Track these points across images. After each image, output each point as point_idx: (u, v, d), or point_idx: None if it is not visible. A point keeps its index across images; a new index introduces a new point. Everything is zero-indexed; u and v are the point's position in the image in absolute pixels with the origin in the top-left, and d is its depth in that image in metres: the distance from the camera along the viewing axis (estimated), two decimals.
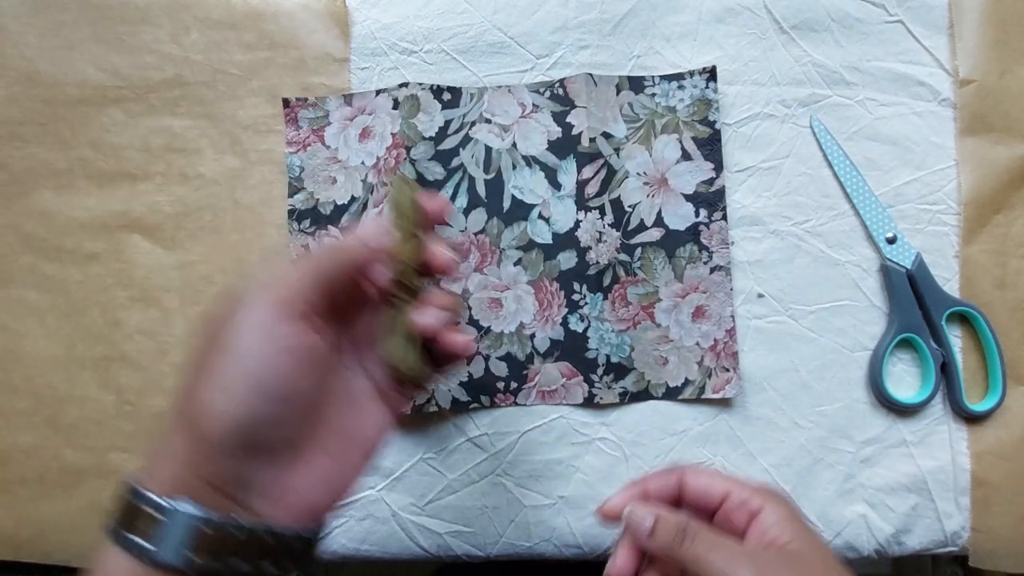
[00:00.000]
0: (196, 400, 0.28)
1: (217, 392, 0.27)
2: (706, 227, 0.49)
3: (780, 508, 0.33)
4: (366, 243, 0.32)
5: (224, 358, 0.28)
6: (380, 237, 0.32)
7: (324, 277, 0.30)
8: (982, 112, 0.48)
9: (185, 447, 0.28)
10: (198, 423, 0.27)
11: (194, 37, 0.51)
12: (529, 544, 0.48)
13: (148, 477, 0.28)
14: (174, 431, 0.28)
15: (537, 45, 0.50)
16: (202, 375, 0.28)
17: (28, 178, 0.51)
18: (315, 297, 0.29)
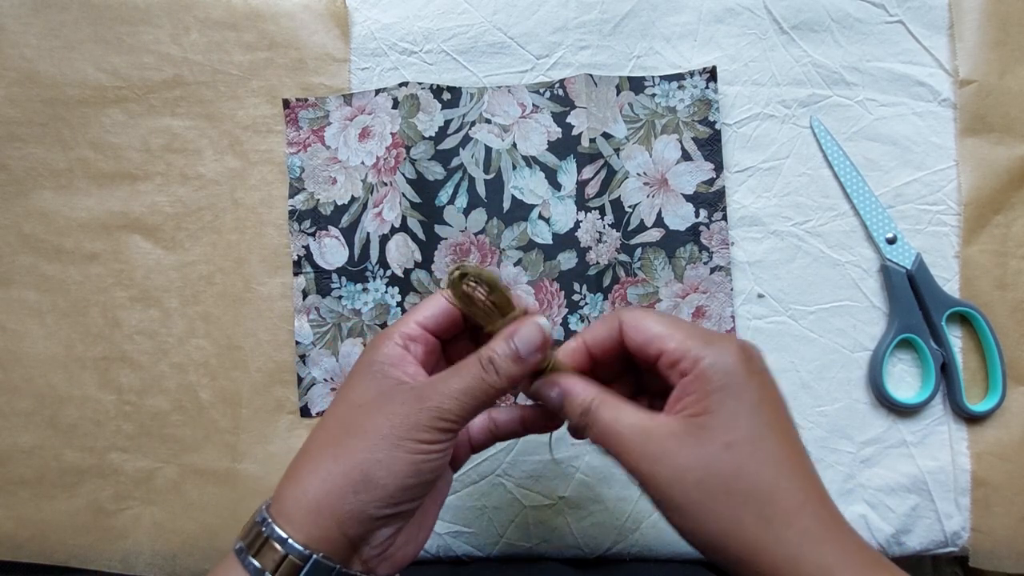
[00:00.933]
0: (360, 471, 0.30)
1: (386, 472, 0.31)
2: (706, 227, 0.49)
3: (711, 370, 0.29)
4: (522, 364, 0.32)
5: (391, 446, 0.31)
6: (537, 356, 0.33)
7: (482, 400, 0.32)
8: (982, 112, 0.48)
9: (336, 504, 0.30)
10: (359, 491, 0.30)
11: (194, 37, 0.51)
12: (529, 544, 0.48)
13: (287, 517, 0.30)
14: (321, 482, 0.31)
15: (537, 45, 0.50)
16: (366, 448, 0.31)
17: (28, 178, 0.51)
18: (471, 415, 0.33)
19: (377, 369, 0.33)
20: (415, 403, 0.31)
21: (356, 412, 0.32)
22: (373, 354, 0.34)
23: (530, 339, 0.32)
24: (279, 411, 0.49)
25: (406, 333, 0.34)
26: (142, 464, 0.49)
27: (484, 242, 0.49)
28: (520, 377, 0.32)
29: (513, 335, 0.32)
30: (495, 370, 0.32)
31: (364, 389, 0.33)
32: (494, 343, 0.32)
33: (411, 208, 0.48)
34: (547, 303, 0.49)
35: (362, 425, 0.32)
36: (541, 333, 0.32)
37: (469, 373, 0.32)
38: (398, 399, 0.32)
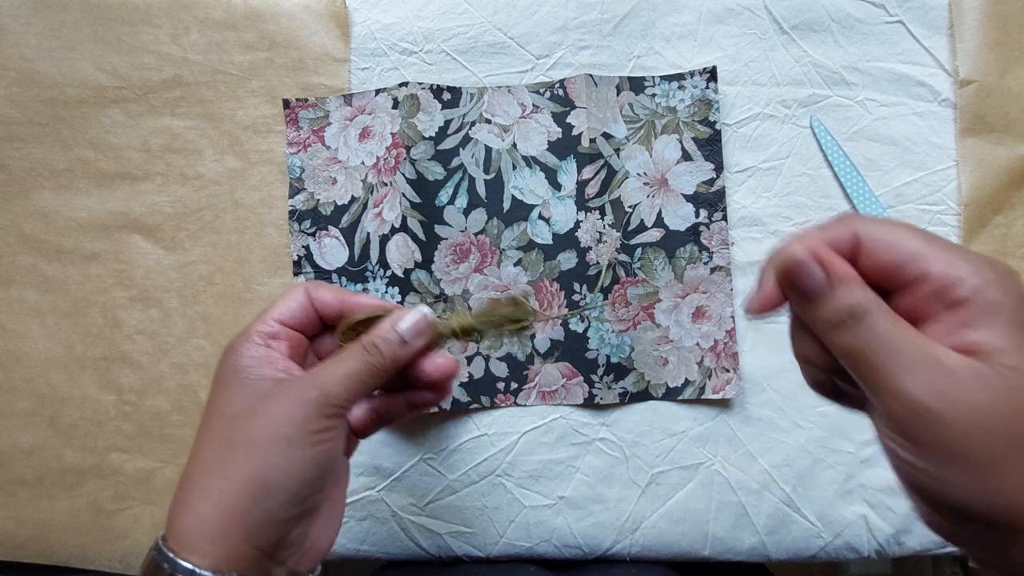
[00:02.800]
0: (256, 481, 0.30)
1: (284, 475, 0.30)
2: (706, 227, 0.49)
3: (1009, 300, 0.22)
4: (406, 347, 0.34)
5: (285, 447, 0.31)
6: (422, 336, 0.34)
7: (368, 382, 0.33)
8: (982, 112, 0.48)
9: (239, 520, 0.30)
10: (260, 501, 0.30)
11: (194, 37, 0.51)
12: (529, 544, 0.48)
13: (188, 547, 0.29)
14: (215, 505, 0.30)
15: (537, 45, 0.50)
16: (256, 456, 0.30)
17: (28, 178, 0.51)
18: (356, 398, 0.33)
19: (245, 375, 0.32)
20: (299, 396, 0.31)
21: (236, 423, 0.31)
22: (234, 360, 0.33)
23: (415, 323, 0.34)
24: None
25: (264, 331, 0.34)
26: (142, 464, 0.49)
27: (484, 242, 0.49)
28: (405, 360, 0.33)
29: (397, 320, 0.33)
30: (379, 352, 0.33)
31: (238, 398, 0.32)
32: (377, 329, 0.33)
33: (411, 208, 0.49)
34: (547, 303, 0.49)
35: (247, 434, 0.31)
36: (424, 319, 0.34)
37: (352, 357, 0.33)
38: (279, 397, 0.31)
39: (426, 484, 0.49)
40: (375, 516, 0.49)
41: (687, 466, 0.48)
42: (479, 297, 0.49)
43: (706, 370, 0.48)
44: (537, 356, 0.49)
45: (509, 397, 0.49)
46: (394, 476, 0.49)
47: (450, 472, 0.49)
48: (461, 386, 0.49)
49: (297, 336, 0.35)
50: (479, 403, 0.49)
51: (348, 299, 0.35)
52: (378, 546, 0.49)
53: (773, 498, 0.48)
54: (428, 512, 0.49)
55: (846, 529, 0.47)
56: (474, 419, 0.49)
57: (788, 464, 0.48)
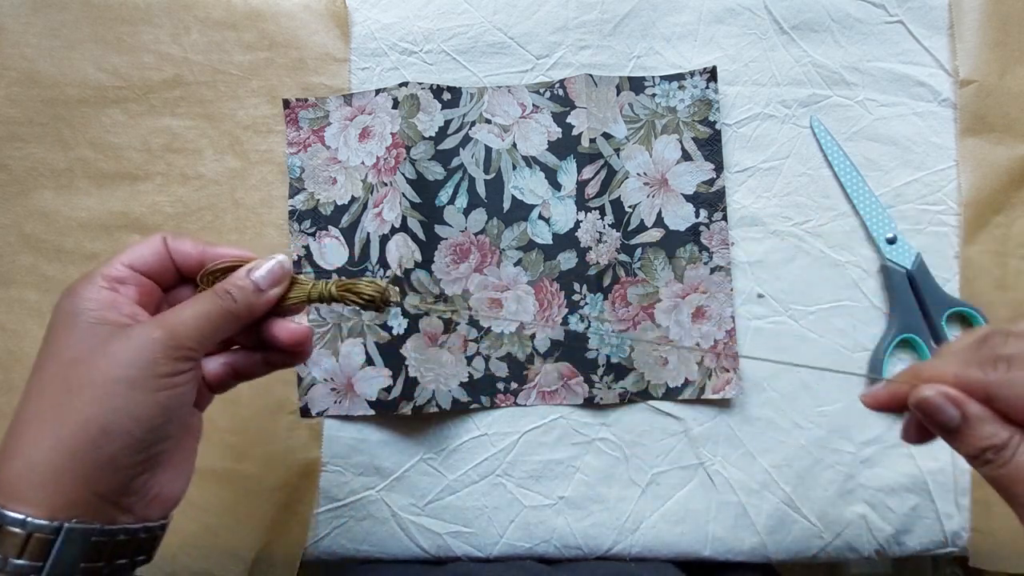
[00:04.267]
0: (95, 425, 0.28)
1: (128, 419, 0.29)
2: (706, 227, 0.49)
3: None
4: (261, 294, 0.33)
5: (131, 391, 0.29)
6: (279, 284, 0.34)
7: (220, 326, 0.32)
8: (982, 112, 0.48)
9: (76, 465, 0.28)
10: (100, 445, 0.28)
11: (194, 37, 0.51)
12: (529, 544, 0.48)
13: (16, 496, 0.28)
14: (49, 450, 0.28)
15: (537, 45, 0.50)
16: (96, 399, 0.29)
17: (28, 178, 0.51)
18: (208, 341, 0.32)
19: (84, 318, 0.30)
20: (144, 336, 0.30)
21: (72, 367, 0.30)
22: (73, 301, 0.31)
23: (271, 270, 0.33)
24: (279, 411, 0.49)
25: (110, 275, 0.32)
26: None
27: (484, 242, 0.49)
28: (260, 308, 0.33)
29: (253, 268, 0.33)
30: (232, 298, 0.32)
31: (75, 341, 0.30)
32: (232, 275, 0.33)
33: (411, 208, 0.48)
34: (547, 303, 0.49)
35: (86, 377, 0.29)
36: (280, 267, 0.33)
37: (204, 299, 0.32)
38: (123, 338, 0.30)
39: (426, 484, 0.49)
40: (375, 516, 0.49)
41: (687, 466, 0.48)
42: (479, 297, 0.49)
43: (706, 370, 0.48)
44: (537, 356, 0.49)
45: (509, 397, 0.49)
46: (394, 476, 0.49)
47: (450, 472, 0.49)
48: (461, 386, 0.49)
49: (149, 284, 0.33)
50: (479, 403, 0.49)
51: (209, 250, 0.34)
52: (378, 546, 0.49)
53: (773, 498, 0.48)
54: (428, 512, 0.49)
55: (846, 529, 0.47)
56: (474, 419, 0.49)
57: (788, 464, 0.48)
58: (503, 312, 0.49)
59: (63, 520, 0.28)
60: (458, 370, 0.49)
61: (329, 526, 0.48)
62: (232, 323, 0.32)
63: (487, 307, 0.49)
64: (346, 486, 0.49)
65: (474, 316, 0.48)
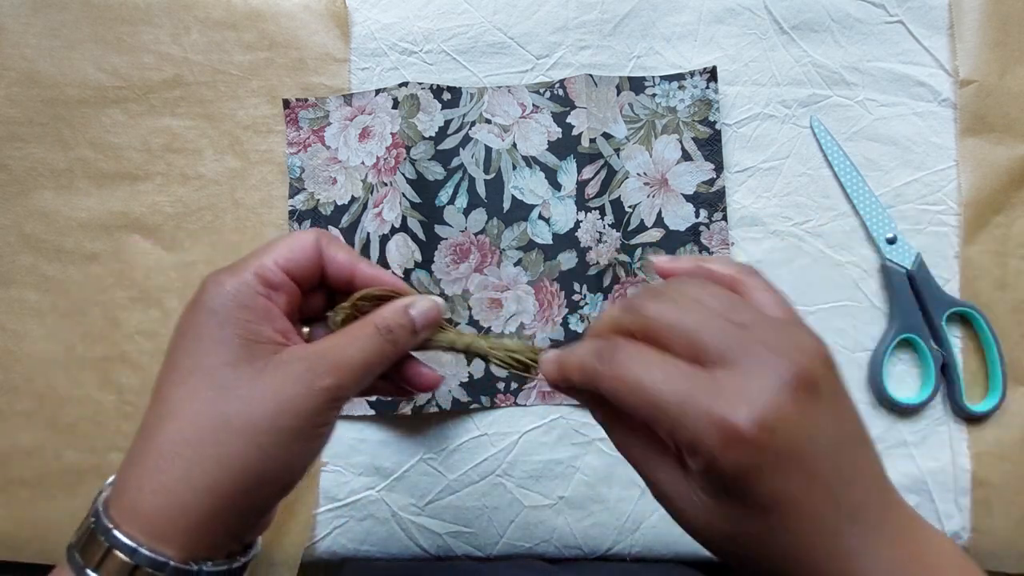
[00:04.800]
0: (249, 472, 0.26)
1: (276, 466, 0.27)
2: (706, 228, 0.49)
3: (703, 462, 0.24)
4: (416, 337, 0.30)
5: (283, 437, 0.27)
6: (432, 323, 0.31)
7: (377, 370, 0.29)
8: (982, 112, 0.48)
9: (226, 512, 0.26)
10: (249, 492, 0.26)
11: (194, 37, 0.51)
12: (529, 544, 0.48)
13: (160, 536, 0.25)
14: (209, 492, 0.26)
15: (537, 45, 0.50)
16: (252, 443, 0.26)
17: (28, 178, 0.51)
18: (365, 386, 0.29)
19: (237, 331, 0.27)
20: (311, 381, 0.27)
21: (230, 394, 0.26)
22: (223, 302, 0.27)
23: (428, 312, 0.30)
24: None
25: (266, 277, 0.28)
26: None
27: (484, 242, 0.49)
28: (409, 349, 0.30)
29: (411, 306, 0.29)
30: (394, 340, 0.28)
31: (229, 357, 0.27)
32: (390, 312, 0.29)
33: (411, 208, 0.48)
34: (547, 303, 0.49)
35: (246, 417, 0.26)
36: (438, 309, 0.30)
37: (367, 339, 0.28)
38: (288, 378, 0.27)
39: (426, 484, 0.49)
40: (375, 516, 0.49)
41: None
42: (479, 297, 0.49)
43: None
44: None
45: (509, 397, 0.49)
46: (394, 476, 0.49)
47: (450, 472, 0.49)
48: (461, 386, 0.49)
49: (296, 291, 0.30)
50: (479, 403, 0.49)
51: (360, 266, 0.30)
52: (378, 546, 0.49)
53: None
54: (428, 512, 0.49)
55: None
56: (474, 419, 0.49)
57: None
58: (503, 312, 0.49)
59: (201, 563, 0.26)
60: (458, 370, 0.49)
61: (329, 526, 0.48)
62: (386, 367, 0.29)
63: (487, 307, 0.49)
64: (346, 486, 0.49)
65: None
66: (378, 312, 0.29)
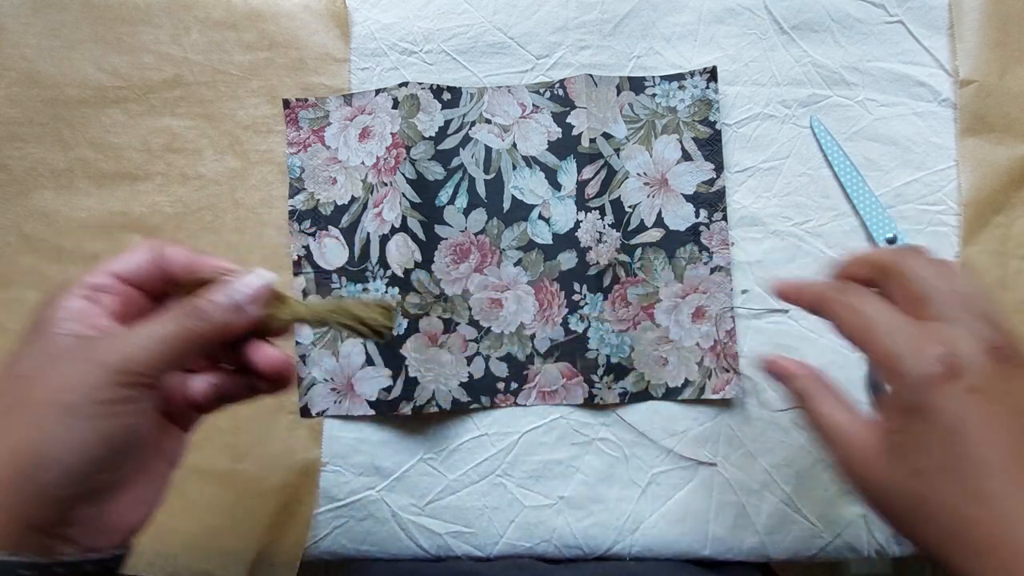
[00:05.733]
0: (27, 452, 0.26)
1: (61, 447, 0.26)
2: (706, 227, 0.49)
3: (907, 386, 0.27)
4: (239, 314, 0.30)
5: (67, 417, 0.26)
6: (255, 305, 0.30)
7: (183, 350, 0.29)
8: (982, 112, 0.48)
9: (6, 495, 0.26)
10: (31, 475, 0.26)
11: (194, 37, 0.51)
12: (529, 544, 0.48)
13: None
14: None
15: (537, 45, 0.50)
16: (32, 423, 0.26)
17: (28, 178, 0.51)
18: (167, 367, 0.29)
19: (51, 327, 0.28)
20: (91, 357, 0.27)
21: (18, 383, 0.27)
22: (46, 311, 0.29)
23: (249, 285, 0.30)
24: (279, 411, 0.49)
25: (91, 283, 0.29)
26: None
27: (484, 242, 0.49)
28: (237, 327, 0.30)
29: (233, 284, 0.30)
30: (201, 316, 0.29)
31: (30, 353, 0.28)
32: (207, 291, 0.30)
33: (411, 208, 0.49)
34: (547, 303, 0.49)
35: (27, 396, 0.27)
36: (265, 286, 0.30)
37: (167, 319, 0.28)
38: (71, 357, 0.27)
39: (426, 484, 0.49)
40: (375, 516, 0.49)
41: (687, 466, 0.48)
42: (479, 297, 0.49)
43: (706, 370, 0.48)
44: (537, 356, 0.49)
45: (509, 397, 0.49)
46: (394, 476, 0.49)
47: (450, 472, 0.49)
48: (461, 386, 0.49)
49: (135, 294, 0.30)
50: (479, 403, 0.49)
51: (198, 260, 0.31)
52: (378, 546, 0.49)
53: (773, 498, 0.48)
54: (428, 512, 0.49)
55: (846, 529, 0.47)
56: (474, 419, 0.49)
57: (788, 464, 0.48)
58: (503, 312, 0.49)
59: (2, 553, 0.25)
60: (458, 370, 0.49)
61: (329, 526, 0.48)
62: (199, 346, 0.29)
63: (487, 307, 0.49)
64: (346, 486, 0.49)
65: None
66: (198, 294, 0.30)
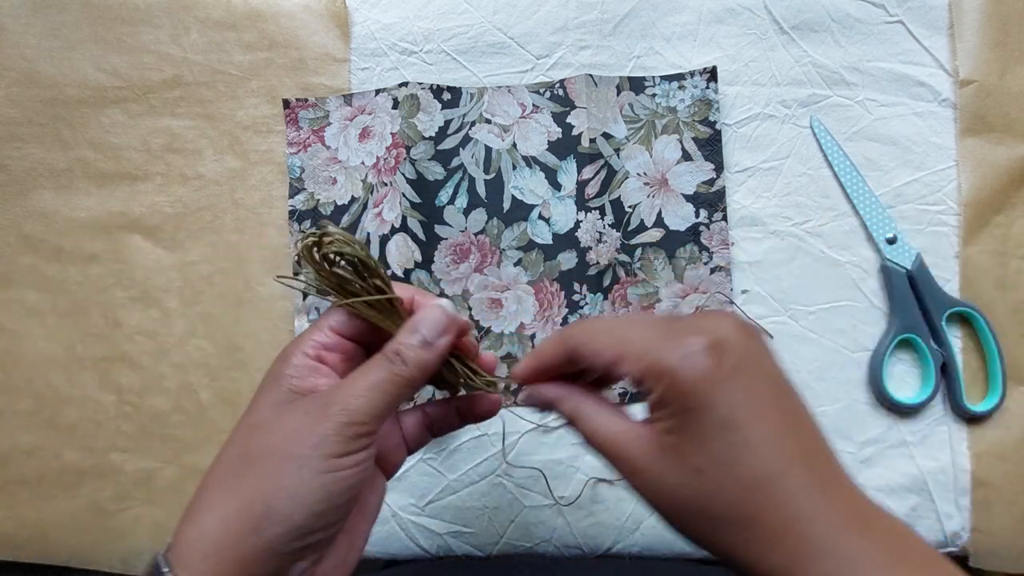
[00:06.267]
0: (260, 504, 0.27)
1: (290, 502, 0.27)
2: (706, 228, 0.49)
3: (674, 386, 0.26)
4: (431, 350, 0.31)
5: (295, 470, 0.27)
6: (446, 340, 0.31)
7: (395, 395, 0.30)
8: (982, 112, 0.48)
9: (237, 547, 0.27)
10: (261, 529, 0.27)
11: (194, 37, 0.51)
12: (529, 544, 0.48)
13: (183, 562, 0.27)
14: (220, 522, 0.27)
15: (537, 45, 0.50)
16: (263, 474, 0.28)
17: (28, 178, 0.51)
18: (385, 414, 0.29)
19: (284, 383, 0.30)
20: (318, 412, 0.28)
21: (255, 434, 0.29)
22: (280, 367, 0.30)
23: (435, 322, 0.30)
24: None
25: (319, 342, 0.31)
26: (142, 464, 0.49)
27: (484, 242, 0.49)
28: (432, 364, 0.31)
29: (417, 322, 0.30)
30: (402, 360, 0.29)
31: (265, 408, 0.29)
32: (399, 334, 0.30)
33: (411, 208, 0.49)
34: (547, 303, 0.49)
35: (262, 448, 0.28)
36: (444, 315, 0.31)
37: (375, 368, 0.30)
38: (299, 411, 0.29)
39: (426, 484, 0.49)
40: None
41: None
42: (479, 297, 0.49)
43: None
44: None
45: (509, 397, 0.49)
46: (394, 476, 0.49)
47: (450, 472, 0.49)
48: None
49: (352, 348, 0.32)
50: None
51: (420, 298, 0.32)
52: (378, 546, 0.49)
53: None
54: (428, 512, 0.49)
55: None
56: None
57: None
58: (503, 312, 0.49)
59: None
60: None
61: None
62: (407, 389, 0.30)
63: (487, 307, 0.49)
64: None
65: None
66: (391, 339, 0.31)
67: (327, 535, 0.29)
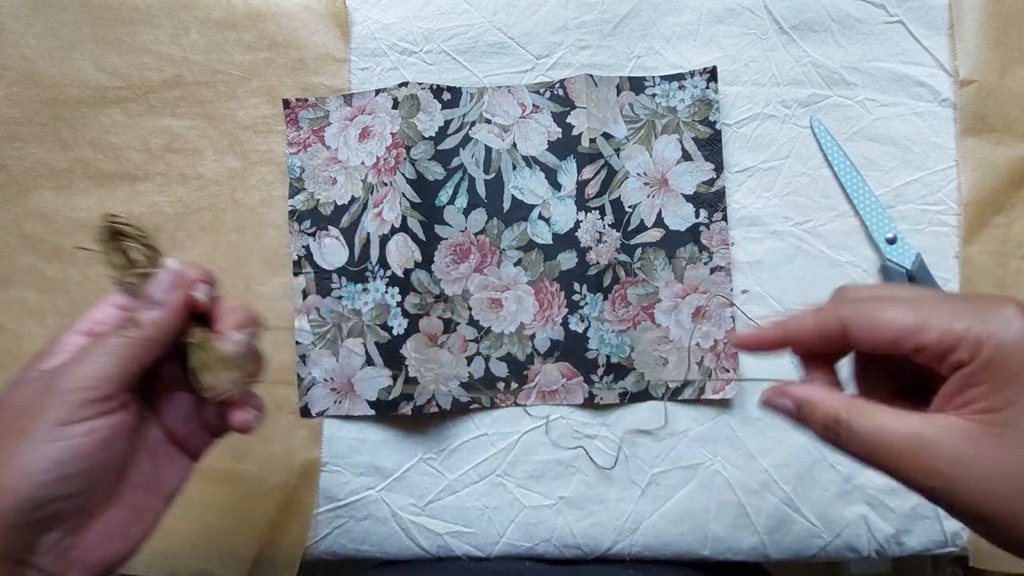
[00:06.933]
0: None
1: (14, 475, 0.27)
2: (706, 227, 0.49)
3: (1001, 353, 0.23)
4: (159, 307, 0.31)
5: (20, 444, 0.27)
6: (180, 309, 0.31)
7: (129, 358, 0.30)
8: (982, 112, 0.48)
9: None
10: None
11: (194, 37, 0.51)
12: (529, 544, 0.48)
13: None
14: None
15: (537, 45, 0.50)
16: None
17: (28, 178, 0.51)
18: (120, 380, 0.29)
19: (35, 363, 0.30)
20: (46, 383, 0.28)
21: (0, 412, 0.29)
22: (43, 347, 0.31)
23: (161, 281, 0.31)
24: (279, 411, 0.49)
25: (93, 317, 0.32)
26: None
27: (484, 242, 0.49)
28: (167, 321, 0.31)
29: (150, 287, 0.31)
30: (135, 323, 0.30)
31: (5, 389, 0.30)
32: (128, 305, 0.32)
33: (411, 208, 0.49)
34: (547, 303, 0.49)
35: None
36: (169, 273, 0.31)
37: (109, 335, 0.30)
38: (32, 386, 0.29)
39: (426, 484, 0.49)
40: (375, 516, 0.49)
41: (687, 466, 0.48)
42: (479, 297, 0.49)
43: (706, 370, 0.48)
44: (537, 356, 0.49)
45: (509, 397, 0.49)
46: (394, 476, 0.49)
47: (450, 472, 0.49)
48: (461, 386, 0.49)
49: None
50: (479, 403, 0.49)
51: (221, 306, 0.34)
52: (378, 546, 0.49)
53: (773, 498, 0.48)
54: (428, 512, 0.49)
55: (846, 529, 0.47)
56: (474, 419, 0.49)
57: (788, 464, 0.48)
58: (503, 312, 0.49)
59: None
60: (458, 370, 0.49)
61: (329, 526, 0.48)
62: (144, 350, 0.30)
63: (487, 307, 0.49)
64: (346, 486, 0.49)
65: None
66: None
67: (72, 504, 0.28)
